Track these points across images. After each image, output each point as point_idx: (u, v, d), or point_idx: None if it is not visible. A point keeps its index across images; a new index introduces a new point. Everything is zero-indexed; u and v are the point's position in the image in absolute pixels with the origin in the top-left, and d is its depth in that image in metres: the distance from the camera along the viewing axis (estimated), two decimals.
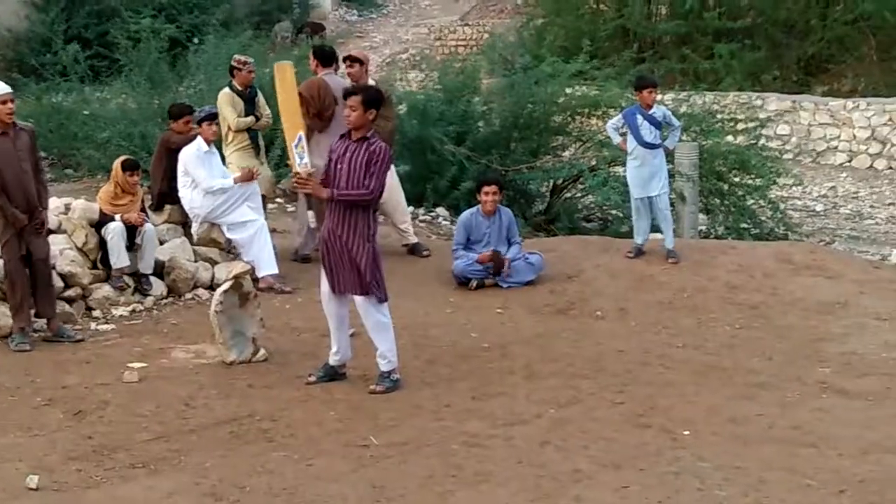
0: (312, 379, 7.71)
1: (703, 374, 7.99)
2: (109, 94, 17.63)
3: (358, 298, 7.52)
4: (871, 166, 20.77)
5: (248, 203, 10.46)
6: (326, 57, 10.98)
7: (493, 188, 10.61)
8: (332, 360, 7.75)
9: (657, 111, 10.84)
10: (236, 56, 11.76)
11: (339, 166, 7.45)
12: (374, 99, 7.58)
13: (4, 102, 8.36)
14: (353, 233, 7.40)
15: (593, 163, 14.21)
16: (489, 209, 10.55)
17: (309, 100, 10.47)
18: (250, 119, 11.08)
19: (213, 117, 10.37)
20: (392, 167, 11.31)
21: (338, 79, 10.85)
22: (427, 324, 9.27)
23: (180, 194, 10.46)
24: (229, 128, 11.13)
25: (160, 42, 16.91)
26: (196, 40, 18.69)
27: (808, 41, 24.58)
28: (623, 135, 11.09)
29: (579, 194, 15.25)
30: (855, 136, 21.04)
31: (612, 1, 27.36)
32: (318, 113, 10.55)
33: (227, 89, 11.27)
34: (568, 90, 15.15)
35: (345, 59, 11.34)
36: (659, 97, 16.48)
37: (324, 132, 10.49)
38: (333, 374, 7.76)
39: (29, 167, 8.56)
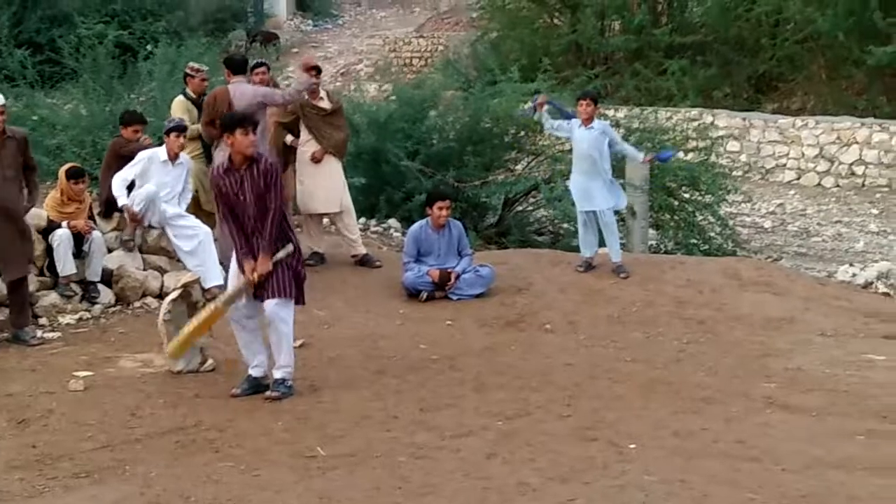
0: (237, 391, 7.70)
1: (650, 389, 8.03)
2: (61, 100, 17.46)
3: (270, 302, 7.54)
4: (818, 184, 21.00)
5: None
6: (237, 65, 11.00)
7: (447, 203, 10.66)
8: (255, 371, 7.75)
9: (596, 125, 10.92)
10: (190, 63, 11.75)
11: (241, 198, 7.45)
12: (226, 123, 7.61)
13: None
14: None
15: (547, 176, 14.28)
16: (441, 223, 10.58)
17: (206, 108, 10.62)
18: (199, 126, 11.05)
19: (180, 129, 10.28)
20: (343, 176, 11.38)
21: (246, 86, 10.84)
22: (376, 335, 9.27)
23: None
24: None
25: (108, 48, 16.77)
26: (148, 47, 18.57)
27: (758, 59, 24.84)
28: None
29: (531, 207, 15.32)
30: (803, 154, 21.26)
31: (565, 17, 27.53)
32: (210, 121, 10.58)
33: (181, 97, 11.26)
34: (523, 105, 15.21)
35: (306, 70, 11.39)
36: (612, 112, 16.67)
37: (219, 140, 10.60)
38: (257, 387, 7.73)
39: (12, 173, 8.57)
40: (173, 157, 10.26)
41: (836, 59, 23.69)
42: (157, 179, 10.19)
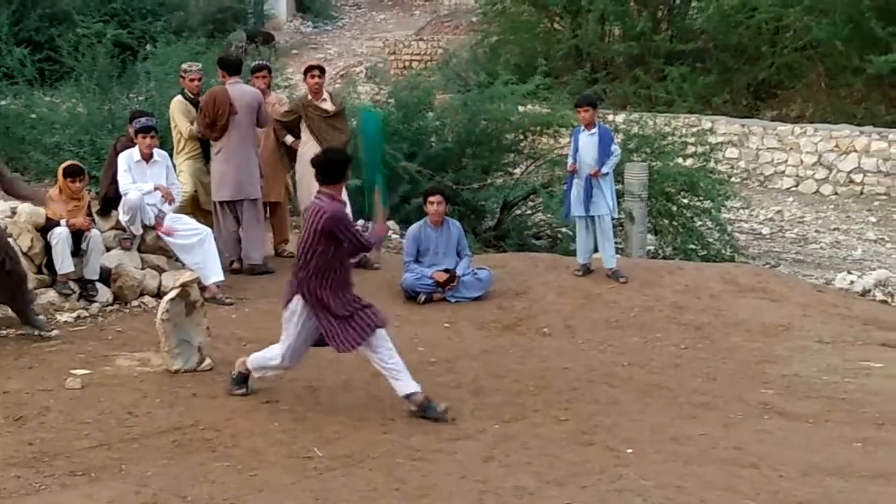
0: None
1: (648, 394, 8.04)
2: (59, 99, 17.46)
3: None
4: (817, 191, 21.02)
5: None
6: (230, 66, 11.04)
7: (438, 198, 10.71)
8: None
9: (597, 130, 10.94)
10: (182, 65, 11.76)
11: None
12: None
13: None
14: None
15: (545, 180, 14.28)
16: (435, 219, 10.61)
17: (203, 109, 10.65)
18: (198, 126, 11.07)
19: (146, 130, 10.22)
20: None
21: (243, 87, 10.89)
22: None
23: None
24: (181, 135, 11.11)
25: (106, 47, 16.77)
26: (147, 47, 18.57)
27: (758, 66, 24.84)
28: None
29: (529, 211, 15.31)
30: (802, 161, 21.27)
31: (566, 22, 27.54)
32: (211, 123, 10.60)
33: (179, 97, 11.28)
34: (521, 108, 15.22)
35: (310, 70, 11.44)
36: (611, 117, 16.66)
37: (218, 141, 10.59)
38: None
39: None
40: (147, 157, 10.24)
41: (835, 67, 23.72)
42: (136, 179, 10.17)
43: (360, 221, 8.86)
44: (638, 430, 7.25)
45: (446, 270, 10.42)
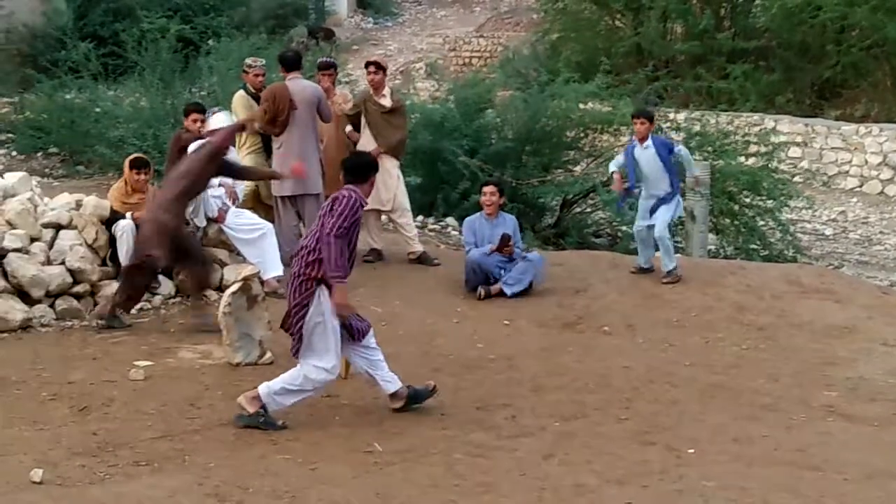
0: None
1: (709, 394, 7.97)
2: (123, 93, 17.65)
3: None
4: (881, 192, 20.74)
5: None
6: (289, 62, 11.04)
7: (491, 188, 10.81)
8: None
9: (650, 143, 10.77)
10: (246, 59, 11.83)
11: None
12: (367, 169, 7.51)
13: None
14: None
15: (605, 178, 14.21)
16: (489, 211, 10.68)
17: (265, 105, 10.63)
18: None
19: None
20: (399, 176, 11.43)
21: (303, 82, 10.89)
22: (434, 333, 9.26)
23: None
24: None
25: (170, 42, 16.92)
26: (210, 42, 18.70)
27: (822, 65, 24.56)
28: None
29: (589, 209, 15.26)
30: (867, 162, 21.01)
31: (628, 19, 27.40)
32: (272, 118, 10.62)
33: (241, 91, 11.34)
34: (581, 106, 15.17)
35: (367, 66, 11.46)
36: (673, 116, 16.53)
37: (280, 137, 10.62)
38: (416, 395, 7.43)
39: None
40: None
41: None
42: (223, 179, 10.26)
43: None
44: (699, 430, 7.20)
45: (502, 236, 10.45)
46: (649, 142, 10.79)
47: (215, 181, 10.19)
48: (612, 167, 11.13)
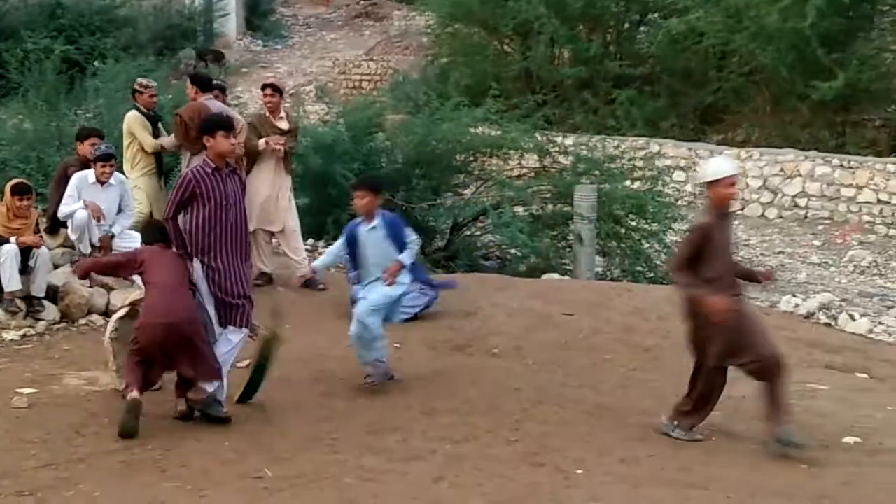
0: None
1: (597, 415, 8.08)
2: (5, 115, 17.29)
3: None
4: (762, 215, 21.26)
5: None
6: (205, 83, 11.05)
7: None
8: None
9: (378, 222, 8.60)
10: (139, 80, 11.73)
11: (225, 202, 7.54)
12: (208, 125, 7.75)
13: None
14: None
15: (495, 201, 14.35)
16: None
17: (189, 123, 10.53)
18: (170, 139, 11.05)
19: (106, 158, 10.18)
20: (291, 198, 11.41)
21: (218, 104, 10.86)
22: (325, 357, 9.24)
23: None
24: (139, 149, 11.09)
25: (54, 63, 16.64)
26: (96, 63, 18.44)
27: (705, 91, 25.12)
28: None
29: (479, 232, 15.37)
30: (748, 185, 21.50)
31: (517, 44, 27.69)
32: (196, 136, 10.53)
33: (134, 112, 11.23)
34: (471, 129, 15.29)
35: (264, 88, 11.47)
36: (560, 139, 16.75)
37: (197, 154, 10.57)
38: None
39: None
40: (103, 182, 10.21)
41: (780, 92, 24.00)
42: (89, 200, 10.11)
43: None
44: (587, 451, 7.29)
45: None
46: (378, 220, 8.60)
47: (79, 204, 10.06)
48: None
